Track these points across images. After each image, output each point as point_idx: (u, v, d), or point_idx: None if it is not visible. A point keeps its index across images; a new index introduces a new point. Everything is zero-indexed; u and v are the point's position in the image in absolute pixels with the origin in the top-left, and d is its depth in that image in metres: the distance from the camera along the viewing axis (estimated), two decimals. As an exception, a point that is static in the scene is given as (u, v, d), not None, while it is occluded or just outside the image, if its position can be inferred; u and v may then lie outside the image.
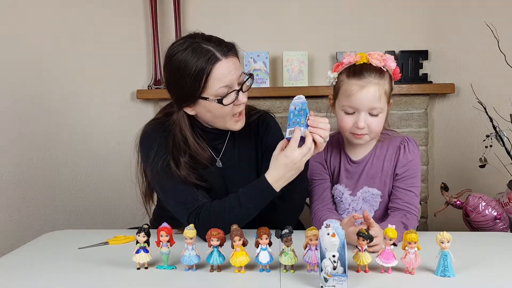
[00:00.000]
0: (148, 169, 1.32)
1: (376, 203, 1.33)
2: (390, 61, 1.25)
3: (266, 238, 0.98)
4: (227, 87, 1.21)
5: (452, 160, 2.40)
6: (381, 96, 1.22)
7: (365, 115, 1.23)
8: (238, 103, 1.25)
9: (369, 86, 1.21)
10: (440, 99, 2.39)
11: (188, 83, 1.20)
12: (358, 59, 1.24)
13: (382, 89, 1.22)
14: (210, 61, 1.18)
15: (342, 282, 0.87)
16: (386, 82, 1.24)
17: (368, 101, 1.21)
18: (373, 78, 1.21)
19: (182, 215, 1.25)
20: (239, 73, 1.24)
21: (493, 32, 1.95)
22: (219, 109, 1.24)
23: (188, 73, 1.19)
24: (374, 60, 1.22)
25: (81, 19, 2.34)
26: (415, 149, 1.33)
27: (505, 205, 1.83)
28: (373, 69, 1.22)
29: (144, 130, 1.39)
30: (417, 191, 1.31)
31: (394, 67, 1.26)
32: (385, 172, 1.32)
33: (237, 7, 2.34)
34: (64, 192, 2.41)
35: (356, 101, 1.22)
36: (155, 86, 2.31)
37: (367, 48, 2.25)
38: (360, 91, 1.21)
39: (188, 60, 1.19)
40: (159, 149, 1.29)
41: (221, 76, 1.20)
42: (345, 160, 1.36)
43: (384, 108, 1.24)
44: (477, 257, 1.09)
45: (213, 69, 1.19)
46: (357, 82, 1.22)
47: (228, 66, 1.21)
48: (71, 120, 2.38)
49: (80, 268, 1.06)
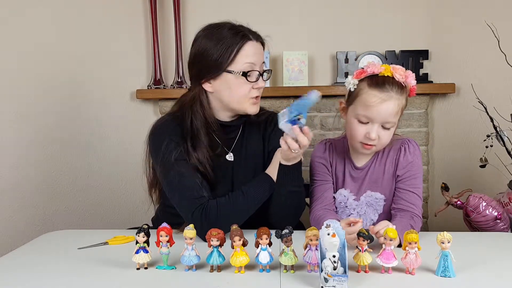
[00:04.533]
0: (158, 162, 1.33)
1: (380, 207, 1.33)
2: (411, 78, 1.24)
3: (266, 238, 0.98)
4: (252, 64, 1.29)
5: (453, 160, 2.40)
6: (398, 112, 1.23)
7: (378, 127, 1.23)
8: (257, 86, 1.32)
9: (390, 100, 1.20)
10: (440, 99, 2.39)
11: (218, 53, 1.28)
12: (382, 71, 1.23)
13: (400, 104, 1.23)
14: (244, 38, 1.28)
15: (342, 283, 0.87)
16: (404, 98, 1.24)
17: (385, 114, 1.21)
18: (394, 93, 1.21)
19: (186, 210, 1.26)
20: (263, 60, 1.34)
21: (494, 32, 1.95)
22: (239, 86, 1.30)
23: (221, 43, 1.27)
24: (397, 75, 1.22)
25: (81, 19, 2.34)
26: (416, 150, 1.33)
27: (506, 205, 1.82)
28: (395, 83, 1.22)
29: (156, 124, 1.41)
30: (419, 192, 1.31)
31: (413, 84, 1.26)
32: (387, 175, 1.33)
33: (237, 7, 2.34)
34: (64, 192, 2.41)
35: (374, 113, 1.21)
36: (155, 86, 2.31)
37: (367, 48, 2.29)
38: (381, 104, 1.20)
39: (223, 33, 1.29)
40: (170, 142, 1.31)
41: (250, 53, 1.29)
42: (349, 166, 1.37)
43: (396, 123, 1.25)
44: (478, 258, 1.09)
45: (244, 45, 1.28)
46: (379, 95, 1.21)
47: (256, 48, 1.31)
48: (71, 120, 2.37)
49: (80, 268, 1.06)
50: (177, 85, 2.30)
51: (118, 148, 2.41)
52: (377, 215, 1.34)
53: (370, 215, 1.33)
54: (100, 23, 2.35)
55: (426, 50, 2.30)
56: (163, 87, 2.32)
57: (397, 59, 2.27)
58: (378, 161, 1.34)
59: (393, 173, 1.33)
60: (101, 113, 2.39)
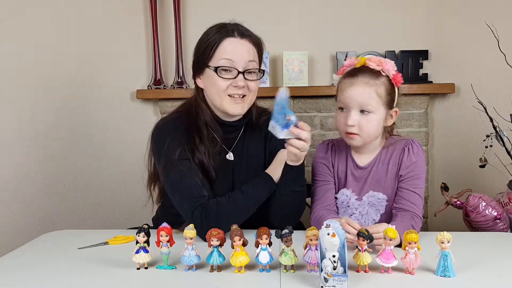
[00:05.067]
0: (160, 160, 1.34)
1: (382, 207, 1.33)
2: (390, 66, 1.26)
3: (266, 238, 0.98)
4: (229, 61, 1.28)
5: (452, 160, 2.40)
6: (371, 95, 1.24)
7: (355, 114, 1.25)
8: (234, 83, 1.29)
9: (359, 83, 1.25)
10: (440, 99, 2.39)
11: (202, 49, 1.31)
12: (358, 62, 1.28)
13: (373, 89, 1.24)
14: (224, 34, 1.29)
15: (342, 282, 0.87)
16: (381, 84, 1.25)
17: (356, 97, 1.24)
18: (364, 78, 1.25)
19: (186, 209, 1.26)
20: (248, 58, 1.30)
21: (493, 32, 1.95)
22: (215, 83, 1.29)
23: (206, 39, 1.31)
24: (371, 63, 1.26)
25: (81, 19, 2.34)
26: (419, 151, 1.33)
27: (505, 205, 1.83)
28: (368, 70, 1.26)
29: (159, 122, 1.42)
30: (421, 192, 1.31)
31: (393, 72, 1.27)
32: (390, 175, 1.33)
33: (237, 7, 2.34)
34: (64, 192, 2.40)
35: (347, 98, 1.26)
36: (155, 86, 2.31)
37: (367, 48, 2.29)
38: (349, 88, 1.25)
39: (213, 29, 1.32)
40: (173, 140, 1.32)
41: (228, 49, 1.28)
42: (351, 166, 1.37)
43: (377, 109, 1.25)
44: (477, 257, 1.09)
45: (223, 41, 1.29)
46: (349, 80, 1.27)
47: (238, 45, 1.29)
48: (71, 120, 2.37)
49: (80, 268, 1.06)
50: (177, 85, 2.30)
51: (118, 148, 2.41)
52: (379, 215, 1.34)
53: (372, 215, 1.33)
54: (100, 23, 2.35)
55: (426, 50, 2.30)
56: (163, 87, 2.31)
57: (397, 59, 2.27)
58: (381, 161, 1.34)
59: (396, 174, 1.33)
60: (101, 113, 2.39)
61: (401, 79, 1.28)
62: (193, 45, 1.38)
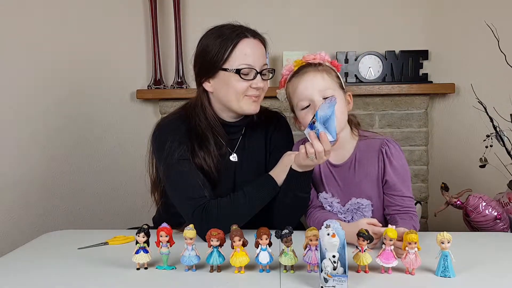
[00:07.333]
0: (162, 161, 1.33)
1: (368, 212, 1.29)
2: (325, 55, 1.29)
3: (266, 239, 0.98)
4: (247, 62, 1.28)
5: (452, 160, 2.40)
6: (325, 78, 1.24)
7: (320, 101, 1.20)
8: (254, 85, 1.30)
9: (309, 73, 1.25)
10: (440, 99, 2.39)
11: (214, 51, 1.28)
12: (295, 65, 1.30)
13: (324, 73, 1.25)
14: (239, 35, 1.28)
15: (342, 283, 0.87)
16: (327, 68, 1.27)
17: (313, 84, 1.23)
18: (310, 68, 1.26)
19: (187, 209, 1.26)
20: (262, 60, 1.31)
21: (493, 32, 1.95)
22: (235, 85, 1.28)
23: (218, 42, 1.28)
24: (308, 58, 1.28)
25: (80, 19, 2.34)
26: (399, 153, 1.29)
27: (505, 205, 1.83)
28: (308, 65, 1.28)
29: (160, 122, 1.41)
30: (411, 193, 1.29)
31: (330, 59, 1.30)
32: (370, 178, 1.29)
33: (237, 7, 2.34)
34: (64, 192, 2.40)
35: (302, 89, 1.25)
36: (155, 86, 2.31)
37: (367, 48, 2.29)
38: (302, 81, 1.25)
39: (221, 31, 1.30)
40: (174, 141, 1.31)
41: (245, 51, 1.28)
42: (326, 163, 1.31)
43: (336, 91, 1.24)
44: (478, 257, 1.09)
45: (240, 42, 1.27)
46: (298, 77, 1.27)
47: (253, 46, 1.30)
48: (70, 120, 2.37)
49: (80, 268, 1.06)
50: (177, 85, 2.30)
51: (118, 148, 2.41)
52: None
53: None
54: (100, 23, 2.35)
55: (426, 50, 2.30)
56: (163, 87, 2.31)
57: (396, 59, 2.27)
58: (357, 161, 1.29)
59: (378, 178, 1.28)
60: (101, 113, 2.39)
61: (339, 65, 1.32)
62: (193, 45, 1.37)
